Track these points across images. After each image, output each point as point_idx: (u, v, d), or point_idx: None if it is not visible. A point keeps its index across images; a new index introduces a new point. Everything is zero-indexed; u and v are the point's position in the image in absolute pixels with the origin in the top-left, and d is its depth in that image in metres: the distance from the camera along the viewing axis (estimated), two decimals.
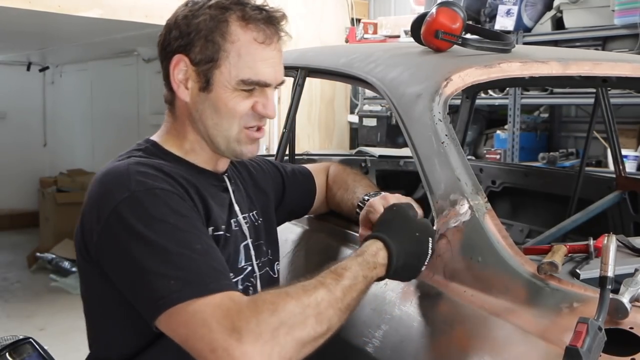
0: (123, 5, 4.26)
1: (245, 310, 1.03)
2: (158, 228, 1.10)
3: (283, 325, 1.02)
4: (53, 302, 5.05)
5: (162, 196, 1.15)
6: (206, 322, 1.02)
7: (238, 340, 0.99)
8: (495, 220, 1.25)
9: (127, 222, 1.11)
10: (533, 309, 1.12)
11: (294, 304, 1.05)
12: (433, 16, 1.55)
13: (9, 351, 1.40)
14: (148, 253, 1.09)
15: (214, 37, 1.24)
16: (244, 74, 1.25)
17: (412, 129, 1.41)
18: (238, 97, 1.26)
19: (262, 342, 0.99)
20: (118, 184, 1.16)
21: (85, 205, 1.22)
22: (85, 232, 1.19)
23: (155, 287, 1.07)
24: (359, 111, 5.29)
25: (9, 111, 8.10)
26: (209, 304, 1.04)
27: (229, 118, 1.27)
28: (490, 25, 4.06)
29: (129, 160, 1.23)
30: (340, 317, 1.10)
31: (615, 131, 2.46)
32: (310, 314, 1.05)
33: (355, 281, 1.13)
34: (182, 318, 1.04)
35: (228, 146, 1.30)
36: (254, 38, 1.25)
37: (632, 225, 2.42)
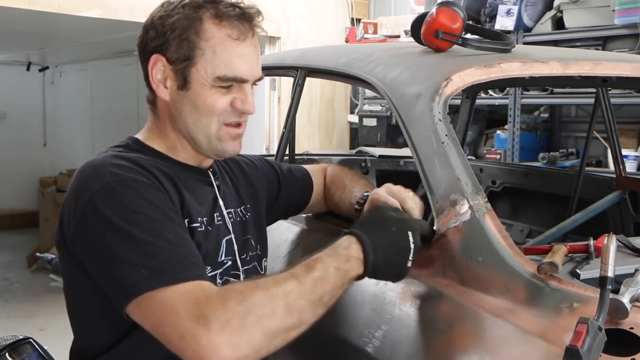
0: (123, 5, 4.26)
1: (214, 299, 1.04)
2: (131, 218, 1.12)
3: (251, 314, 1.02)
4: (53, 302, 5.04)
5: (135, 187, 1.16)
6: (175, 309, 1.03)
7: (205, 327, 1.00)
8: (495, 220, 1.25)
9: (100, 212, 1.13)
10: (533, 309, 1.12)
11: (262, 294, 1.05)
12: (433, 16, 1.55)
13: (8, 351, 1.40)
14: (120, 243, 1.10)
15: (189, 36, 1.25)
16: (220, 71, 1.26)
17: (412, 129, 1.41)
18: (216, 94, 1.27)
19: (229, 330, 1.00)
20: (93, 175, 1.18)
21: (64, 200, 1.24)
22: (63, 224, 1.21)
23: (126, 275, 1.08)
24: (359, 111, 5.29)
25: (8, 111, 8.10)
26: (178, 292, 1.05)
27: (207, 115, 1.28)
28: (490, 25, 4.06)
29: (105, 154, 1.26)
30: (313, 309, 1.09)
31: (615, 131, 2.46)
32: (279, 304, 1.05)
33: (326, 272, 1.11)
34: (152, 306, 1.06)
35: (210, 144, 1.31)
36: (228, 35, 1.26)
37: (632, 225, 2.42)
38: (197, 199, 1.31)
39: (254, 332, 1.02)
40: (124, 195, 1.15)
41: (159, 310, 1.05)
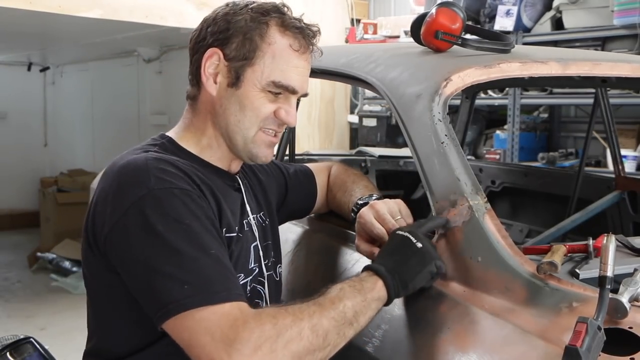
0: (123, 5, 4.26)
1: (251, 322, 1.04)
2: (174, 228, 1.11)
3: (280, 337, 1.03)
4: (54, 302, 5.05)
5: (180, 196, 1.15)
6: (210, 330, 1.03)
7: (238, 351, 1.01)
8: (495, 220, 1.25)
9: (144, 220, 1.11)
10: (533, 309, 1.12)
11: (291, 319, 1.06)
12: (433, 16, 1.56)
13: (9, 351, 1.40)
14: (163, 254, 1.09)
15: (253, 36, 1.27)
16: (275, 76, 1.28)
17: (412, 129, 1.42)
18: (264, 99, 1.29)
19: (260, 354, 1.01)
20: (137, 179, 1.16)
21: (98, 197, 1.22)
22: (97, 223, 1.19)
23: (166, 289, 1.07)
24: (359, 111, 5.29)
25: (9, 111, 8.10)
26: (217, 312, 1.05)
27: (251, 117, 1.29)
28: (489, 26, 4.06)
29: (146, 155, 1.23)
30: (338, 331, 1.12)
31: (614, 131, 2.47)
32: (306, 326, 1.07)
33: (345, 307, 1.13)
34: (188, 323, 1.05)
35: (245, 146, 1.31)
36: (290, 44, 1.29)
37: (632, 225, 2.42)
38: (230, 207, 1.31)
39: (283, 356, 1.03)
40: (168, 204, 1.13)
41: (195, 329, 1.05)
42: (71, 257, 5.76)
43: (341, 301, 1.13)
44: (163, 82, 6.78)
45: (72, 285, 5.36)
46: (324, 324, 1.09)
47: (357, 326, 1.15)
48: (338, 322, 1.11)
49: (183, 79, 1.38)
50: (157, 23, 4.37)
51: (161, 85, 6.80)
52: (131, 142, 5.24)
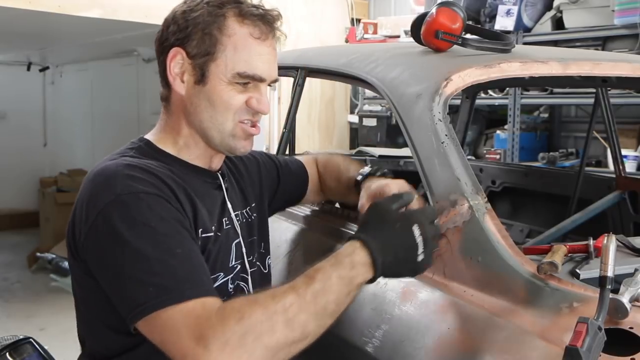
0: (123, 5, 4.26)
1: (213, 319, 1.04)
2: (140, 232, 1.12)
3: (249, 332, 1.02)
4: (53, 302, 5.05)
5: (146, 200, 1.16)
6: (176, 329, 1.04)
7: (205, 348, 1.01)
8: (495, 220, 1.25)
9: (110, 225, 1.13)
10: (533, 309, 1.12)
11: (261, 312, 1.04)
12: (433, 16, 1.56)
13: (9, 351, 1.40)
14: (129, 258, 1.10)
15: (211, 31, 1.26)
16: (240, 67, 1.27)
17: (412, 129, 1.41)
18: (233, 91, 1.28)
19: (229, 350, 1.00)
20: (106, 186, 1.18)
21: (76, 203, 1.24)
22: (75, 230, 1.21)
23: (134, 293, 1.09)
24: (359, 111, 5.29)
25: (9, 111, 8.09)
26: (181, 311, 1.06)
27: (223, 111, 1.29)
28: (490, 25, 4.06)
29: (118, 161, 1.25)
30: (317, 321, 1.08)
31: (615, 131, 2.46)
32: (279, 320, 1.04)
33: (328, 282, 1.10)
34: (157, 324, 1.07)
35: (222, 140, 1.31)
36: (250, 33, 1.28)
37: (632, 225, 2.42)
38: (207, 206, 1.31)
39: (253, 350, 1.01)
40: (134, 208, 1.14)
41: (163, 329, 1.06)
42: None
43: (325, 294, 1.09)
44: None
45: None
46: (301, 318, 1.06)
47: (338, 312, 1.12)
48: (319, 315, 1.08)
49: None
50: (157, 23, 4.33)
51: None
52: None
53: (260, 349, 1.02)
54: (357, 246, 1.15)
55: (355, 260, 1.13)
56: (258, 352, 1.02)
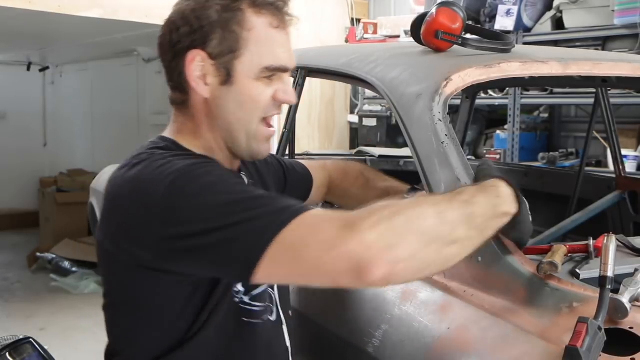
0: (123, 5, 4.26)
1: (354, 212, 0.97)
2: (220, 189, 1.06)
3: (398, 215, 0.95)
4: (53, 302, 5.05)
5: (209, 164, 1.13)
6: (315, 227, 0.97)
7: (353, 230, 0.93)
8: None
9: (188, 196, 1.05)
10: (533, 309, 1.12)
11: (408, 203, 1.00)
12: (433, 16, 1.56)
13: (9, 351, 1.40)
14: (224, 211, 1.02)
15: (231, 27, 1.20)
16: (266, 61, 1.21)
17: (412, 129, 1.41)
18: (261, 86, 1.22)
19: (380, 230, 0.93)
20: (157, 173, 1.10)
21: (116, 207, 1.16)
22: (130, 229, 1.11)
23: (248, 232, 1.00)
24: (359, 111, 5.29)
25: (9, 111, 8.09)
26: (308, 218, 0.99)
27: (252, 110, 1.23)
28: (490, 25, 4.05)
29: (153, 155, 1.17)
30: (466, 226, 1.02)
31: (615, 131, 2.46)
32: (429, 210, 0.99)
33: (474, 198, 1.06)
34: (285, 243, 0.98)
35: (248, 143, 1.26)
36: (269, 23, 1.22)
37: (632, 225, 2.42)
38: None
39: (405, 232, 0.95)
40: (199, 173, 1.08)
41: (295, 240, 0.97)
42: (71, 257, 5.76)
43: (471, 205, 1.04)
44: (163, 82, 6.70)
45: (72, 286, 5.35)
46: (450, 215, 1.01)
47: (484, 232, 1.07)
48: (467, 221, 1.02)
49: None
50: (157, 23, 4.33)
51: (161, 85, 6.72)
52: (131, 142, 5.26)
53: (412, 232, 0.96)
54: (499, 181, 1.14)
55: (500, 191, 1.12)
56: (410, 234, 0.95)
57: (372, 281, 0.93)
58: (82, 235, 6.20)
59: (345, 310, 1.43)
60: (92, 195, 3.27)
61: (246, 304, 1.23)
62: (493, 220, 1.09)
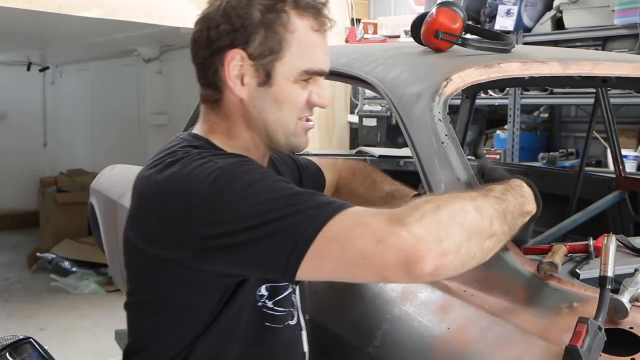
0: (123, 5, 4.26)
1: (399, 207, 0.98)
2: (261, 187, 1.05)
3: (442, 209, 0.97)
4: (53, 302, 5.05)
5: (247, 163, 1.12)
6: (360, 222, 0.97)
7: (401, 224, 0.93)
8: None
9: (229, 191, 1.04)
10: (533, 309, 1.12)
11: (447, 197, 1.02)
12: (433, 16, 1.56)
13: (9, 351, 1.40)
14: (268, 207, 1.02)
15: (275, 28, 1.18)
16: (306, 65, 1.21)
17: (412, 129, 1.41)
18: (298, 89, 1.22)
19: (426, 223, 0.94)
20: (197, 170, 1.09)
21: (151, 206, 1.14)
22: (168, 228, 1.10)
23: (295, 224, 0.99)
24: (359, 111, 5.29)
25: (9, 111, 8.10)
26: (354, 213, 0.99)
27: (290, 111, 1.23)
28: (490, 25, 4.05)
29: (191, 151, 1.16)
30: (501, 220, 1.05)
31: (615, 131, 2.46)
32: (469, 205, 1.01)
33: (504, 196, 1.10)
34: (330, 235, 0.97)
35: (287, 141, 1.25)
36: (310, 26, 1.21)
37: (632, 225, 2.42)
38: None
39: (450, 224, 0.96)
40: (238, 172, 1.07)
41: (340, 234, 0.97)
42: (71, 257, 5.76)
43: (504, 202, 1.08)
44: (163, 82, 6.78)
45: (72, 286, 5.36)
46: (488, 209, 1.03)
47: (513, 228, 1.10)
48: (502, 215, 1.06)
49: (183, 79, 1.35)
50: (157, 23, 4.37)
51: (161, 85, 6.80)
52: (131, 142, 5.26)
53: (456, 225, 0.97)
54: (522, 182, 1.18)
55: (524, 191, 1.17)
56: (454, 228, 0.97)
57: (421, 274, 0.94)
58: (82, 235, 6.20)
59: (346, 310, 1.43)
60: (92, 195, 3.27)
61: (269, 309, 1.22)
62: (519, 218, 1.14)
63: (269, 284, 1.22)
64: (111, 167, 3.28)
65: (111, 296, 5.06)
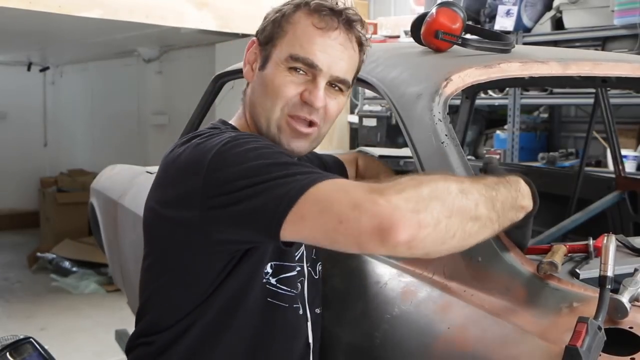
0: (123, 5, 4.26)
1: (380, 180, 1.00)
2: (263, 152, 1.11)
3: (424, 186, 0.97)
4: (53, 302, 5.06)
5: (254, 137, 1.20)
6: (341, 188, 0.99)
7: (380, 193, 0.94)
8: None
9: (229, 157, 1.11)
10: (533, 309, 1.12)
11: (432, 176, 1.01)
12: (433, 16, 1.56)
13: (9, 351, 1.40)
14: (263, 169, 1.07)
15: (280, 20, 1.30)
16: (293, 50, 1.26)
17: (412, 129, 1.41)
18: (287, 78, 1.26)
19: (405, 196, 0.94)
20: (212, 139, 1.17)
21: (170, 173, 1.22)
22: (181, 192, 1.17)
23: (282, 187, 1.03)
24: (359, 111, 5.29)
25: (9, 111, 8.11)
26: (339, 181, 1.03)
27: (273, 97, 1.27)
28: (490, 26, 4.06)
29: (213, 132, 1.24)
30: (488, 206, 1.03)
31: (614, 131, 2.46)
32: (453, 185, 0.99)
33: (495, 186, 1.07)
34: (312, 198, 1.00)
35: (268, 130, 1.28)
36: (312, 23, 1.27)
37: (632, 225, 2.42)
38: None
39: (429, 200, 0.95)
40: (245, 141, 1.15)
41: (322, 196, 0.99)
42: (71, 257, 5.76)
43: (493, 190, 1.06)
44: (163, 82, 6.78)
45: (72, 286, 5.36)
46: (474, 194, 1.01)
47: (502, 219, 1.07)
48: (489, 201, 1.03)
49: (183, 79, 1.38)
50: (157, 23, 4.37)
51: (161, 85, 6.81)
52: (131, 142, 5.27)
53: (435, 201, 0.95)
54: (519, 179, 1.15)
55: (520, 186, 1.14)
56: (435, 204, 0.95)
57: (395, 243, 0.93)
58: (82, 235, 6.21)
59: (345, 310, 1.44)
60: (92, 195, 3.27)
61: (272, 285, 1.27)
62: (511, 211, 1.10)
63: (274, 262, 1.27)
64: (111, 167, 3.28)
65: (111, 296, 5.06)
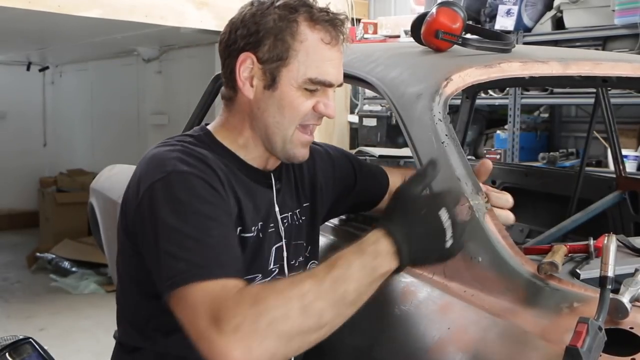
0: (123, 5, 4.26)
1: (229, 302, 1.03)
2: (181, 211, 1.14)
3: (262, 317, 1.00)
4: (53, 302, 5.05)
5: (192, 181, 1.18)
6: (195, 307, 1.05)
7: (218, 330, 1.00)
8: (496, 220, 1.25)
9: (155, 201, 1.16)
10: (533, 309, 1.12)
11: (276, 297, 1.03)
12: (433, 16, 1.56)
13: (8, 351, 1.40)
14: (167, 234, 1.13)
15: (284, 36, 1.27)
16: (311, 73, 1.27)
17: (412, 129, 1.41)
18: (302, 97, 1.28)
19: (241, 334, 0.99)
20: (158, 166, 1.21)
21: (129, 183, 1.28)
22: (127, 207, 1.26)
23: (167, 267, 1.11)
24: (359, 111, 5.29)
25: (9, 111, 8.10)
26: (203, 289, 1.06)
27: (291, 117, 1.29)
28: (490, 25, 4.05)
29: (174, 147, 1.27)
30: (335, 310, 1.05)
31: (615, 131, 2.46)
32: (294, 306, 1.02)
33: (348, 270, 1.05)
34: (181, 299, 1.08)
35: (283, 147, 1.32)
36: (321, 38, 1.28)
37: (632, 225, 2.42)
38: (254, 206, 1.32)
39: (266, 335, 1.00)
40: (179, 187, 1.17)
41: (185, 305, 1.07)
42: (70, 257, 5.76)
43: (344, 282, 1.05)
44: (163, 82, 6.78)
45: (72, 286, 5.35)
46: (318, 305, 1.03)
47: (359, 302, 1.09)
48: (337, 303, 1.05)
49: (183, 79, 1.38)
50: (157, 23, 4.37)
51: (161, 85, 6.80)
52: (131, 142, 5.28)
53: (273, 335, 1.00)
54: (381, 235, 1.09)
55: (379, 249, 1.07)
56: (271, 337, 1.00)
57: None
58: (82, 235, 6.20)
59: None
60: (92, 195, 3.27)
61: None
62: (371, 285, 1.08)
63: None
64: (111, 167, 3.28)
65: (111, 296, 5.05)
